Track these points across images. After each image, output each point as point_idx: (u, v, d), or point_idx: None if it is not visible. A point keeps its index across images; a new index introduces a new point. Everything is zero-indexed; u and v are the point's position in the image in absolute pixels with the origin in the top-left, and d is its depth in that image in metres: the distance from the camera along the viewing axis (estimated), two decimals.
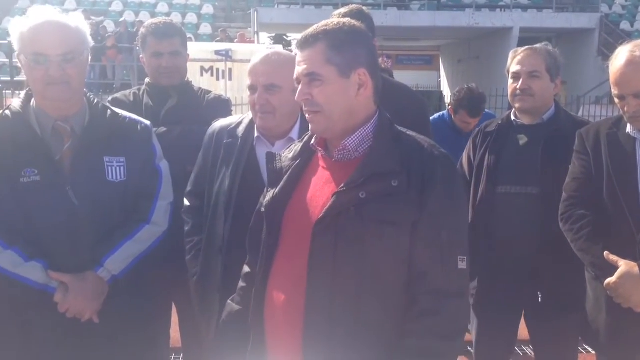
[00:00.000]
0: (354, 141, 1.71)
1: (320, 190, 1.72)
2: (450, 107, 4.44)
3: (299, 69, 1.71)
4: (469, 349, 4.15)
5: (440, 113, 4.77)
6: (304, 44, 1.70)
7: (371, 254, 1.61)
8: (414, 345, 1.59)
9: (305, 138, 1.85)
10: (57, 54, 2.08)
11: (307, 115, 1.74)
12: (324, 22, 1.72)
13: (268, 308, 1.75)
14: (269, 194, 1.81)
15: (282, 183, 1.79)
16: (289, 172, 1.80)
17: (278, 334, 1.72)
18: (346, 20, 1.76)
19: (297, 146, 1.87)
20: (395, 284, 1.63)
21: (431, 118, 4.74)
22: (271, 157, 1.87)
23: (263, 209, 1.82)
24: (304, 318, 1.63)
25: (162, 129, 2.77)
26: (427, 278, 1.62)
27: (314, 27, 1.72)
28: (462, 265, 1.66)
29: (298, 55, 1.72)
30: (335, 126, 1.71)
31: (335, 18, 2.24)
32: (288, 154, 1.87)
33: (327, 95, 1.68)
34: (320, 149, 1.77)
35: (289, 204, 1.77)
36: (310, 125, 1.76)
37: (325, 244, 1.63)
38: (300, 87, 1.72)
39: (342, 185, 1.65)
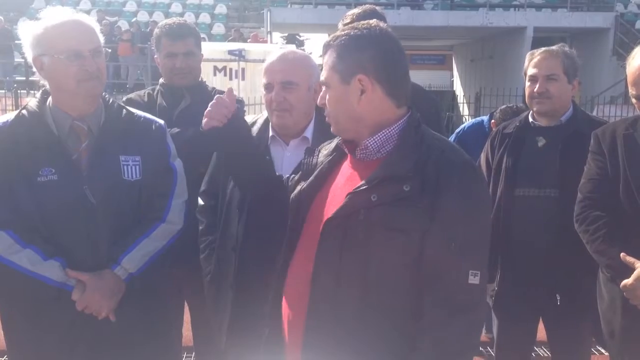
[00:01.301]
0: (376, 142, 1.68)
1: (341, 188, 1.71)
2: (494, 121, 4.45)
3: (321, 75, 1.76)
4: (481, 349, 4.15)
5: (480, 118, 4.77)
6: (323, 51, 1.73)
7: (376, 259, 1.57)
8: None
9: None
10: (89, 49, 2.13)
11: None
12: (350, 26, 1.75)
13: (283, 302, 1.75)
14: (298, 187, 1.82)
15: (312, 177, 1.79)
16: (320, 168, 1.81)
17: (286, 329, 1.73)
18: (363, 23, 1.72)
19: (332, 143, 1.87)
20: (401, 289, 1.58)
21: (471, 122, 4.77)
22: (310, 152, 1.89)
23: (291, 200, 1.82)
24: (306, 316, 1.62)
25: (175, 130, 2.78)
26: (435, 290, 1.55)
27: (337, 32, 1.75)
28: (474, 280, 1.57)
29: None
30: (345, 130, 1.72)
31: (349, 19, 2.24)
32: (324, 150, 1.87)
33: (332, 102, 1.70)
34: (344, 146, 1.77)
35: (315, 199, 1.76)
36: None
37: (332, 245, 1.61)
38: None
39: (357, 185, 1.63)
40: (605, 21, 19.53)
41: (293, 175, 1.99)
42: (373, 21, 1.74)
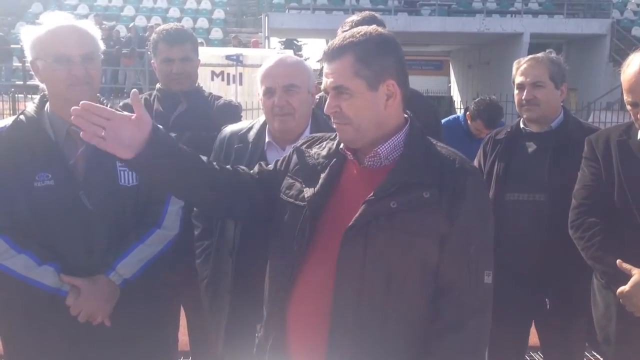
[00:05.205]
0: (386, 149, 1.69)
1: (351, 196, 1.69)
2: (468, 113, 4.56)
3: (327, 81, 1.68)
4: None
5: (456, 115, 4.86)
6: (331, 56, 1.67)
7: (400, 264, 1.60)
8: None
9: (338, 138, 1.79)
10: (79, 54, 2.12)
11: (334, 125, 1.72)
12: (351, 32, 1.69)
13: (292, 310, 1.71)
14: (308, 191, 1.73)
15: (321, 181, 1.73)
16: (326, 172, 1.75)
17: (301, 338, 1.70)
18: (373, 29, 1.71)
19: (330, 143, 1.81)
20: (422, 295, 1.62)
21: (447, 119, 4.86)
22: (301, 152, 1.83)
23: (303, 203, 1.72)
24: (330, 325, 1.61)
25: (172, 135, 2.78)
26: (454, 292, 1.62)
27: (341, 37, 1.69)
28: (488, 280, 1.66)
29: (325, 66, 1.69)
30: (364, 137, 1.69)
31: (347, 26, 2.23)
32: (320, 150, 1.81)
33: (356, 108, 1.66)
34: (349, 153, 1.75)
35: (326, 207, 1.71)
36: (338, 134, 1.74)
37: (354, 253, 1.61)
38: (328, 99, 1.69)
39: (372, 193, 1.63)
40: (601, 27, 19.63)
41: (277, 160, 1.90)
42: (373, 27, 1.74)
